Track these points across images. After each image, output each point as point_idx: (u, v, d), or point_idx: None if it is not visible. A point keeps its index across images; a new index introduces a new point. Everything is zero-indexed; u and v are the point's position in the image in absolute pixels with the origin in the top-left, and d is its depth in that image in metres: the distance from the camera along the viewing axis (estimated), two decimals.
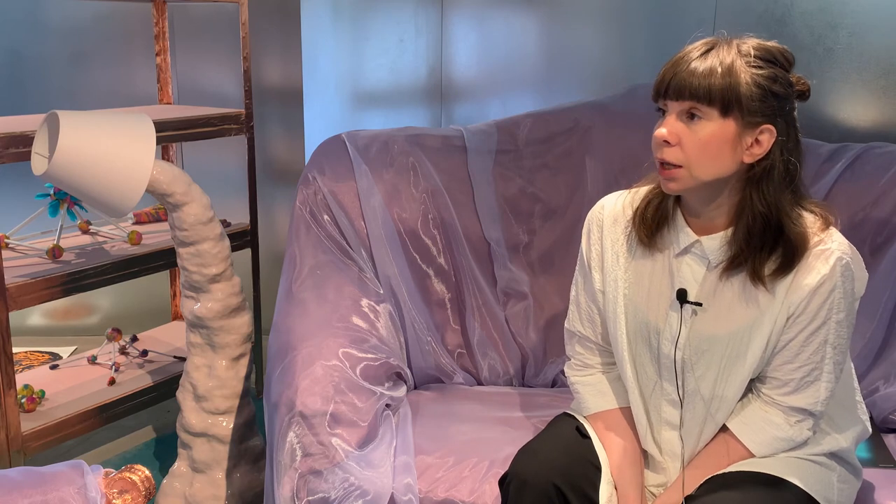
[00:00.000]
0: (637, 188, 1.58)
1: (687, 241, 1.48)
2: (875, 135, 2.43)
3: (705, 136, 1.35)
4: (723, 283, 1.46)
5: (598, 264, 1.60)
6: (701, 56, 1.36)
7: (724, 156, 1.36)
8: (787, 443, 1.48)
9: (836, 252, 1.40)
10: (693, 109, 1.35)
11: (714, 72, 1.34)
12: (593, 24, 2.76)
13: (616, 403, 1.62)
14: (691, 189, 1.40)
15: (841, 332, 1.43)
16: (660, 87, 1.39)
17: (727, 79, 1.33)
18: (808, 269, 1.41)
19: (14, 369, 2.14)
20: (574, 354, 1.68)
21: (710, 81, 1.33)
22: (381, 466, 1.67)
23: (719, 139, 1.35)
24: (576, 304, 1.66)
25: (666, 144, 1.37)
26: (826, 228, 1.42)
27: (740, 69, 1.34)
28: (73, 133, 1.79)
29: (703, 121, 1.35)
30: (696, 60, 1.35)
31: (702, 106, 1.34)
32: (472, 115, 2.92)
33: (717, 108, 1.34)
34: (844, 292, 1.41)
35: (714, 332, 1.47)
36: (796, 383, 1.45)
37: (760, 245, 1.40)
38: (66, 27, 3.35)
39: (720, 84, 1.33)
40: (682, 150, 1.36)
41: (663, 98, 1.39)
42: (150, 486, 1.77)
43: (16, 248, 2.47)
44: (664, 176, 1.39)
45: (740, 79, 1.34)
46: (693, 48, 1.38)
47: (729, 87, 1.33)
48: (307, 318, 1.89)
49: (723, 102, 1.34)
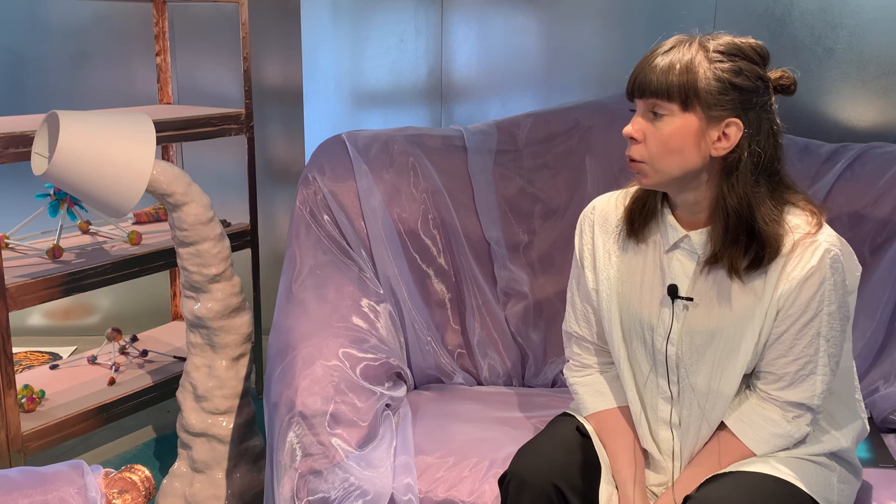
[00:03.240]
0: (628, 188, 1.60)
1: (676, 237, 1.50)
2: (875, 135, 2.43)
3: (668, 132, 1.39)
4: (713, 277, 1.47)
5: (591, 263, 1.61)
6: (663, 54, 1.40)
7: (687, 150, 1.39)
8: (785, 439, 1.48)
9: (823, 244, 1.41)
10: (655, 107, 1.39)
11: (672, 68, 1.38)
12: (593, 24, 2.76)
13: (615, 403, 1.62)
14: (664, 183, 1.44)
15: (833, 325, 1.43)
16: (629, 86, 1.43)
17: (685, 75, 1.37)
18: (797, 262, 1.42)
19: (14, 369, 2.14)
20: (572, 356, 1.69)
21: (668, 78, 1.37)
22: (381, 466, 1.67)
23: (681, 134, 1.39)
24: (571, 305, 1.67)
25: (633, 141, 1.42)
26: (815, 222, 1.43)
27: (699, 64, 1.37)
28: (73, 133, 1.79)
29: (665, 117, 1.39)
30: (658, 58, 1.40)
31: (662, 102, 1.38)
32: (472, 115, 2.92)
33: (676, 104, 1.38)
34: (835, 284, 1.41)
35: (706, 327, 1.48)
36: (791, 377, 1.45)
37: (735, 239, 1.42)
38: (66, 27, 3.35)
39: (677, 80, 1.37)
40: (645, 146, 1.41)
41: (631, 97, 1.44)
42: (150, 486, 1.77)
43: (16, 248, 2.47)
44: (632, 170, 1.45)
45: (699, 74, 1.37)
46: (659, 47, 1.42)
47: (686, 82, 1.37)
48: (307, 318, 1.89)
49: (681, 97, 1.37)
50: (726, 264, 1.43)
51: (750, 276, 1.43)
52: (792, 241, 1.42)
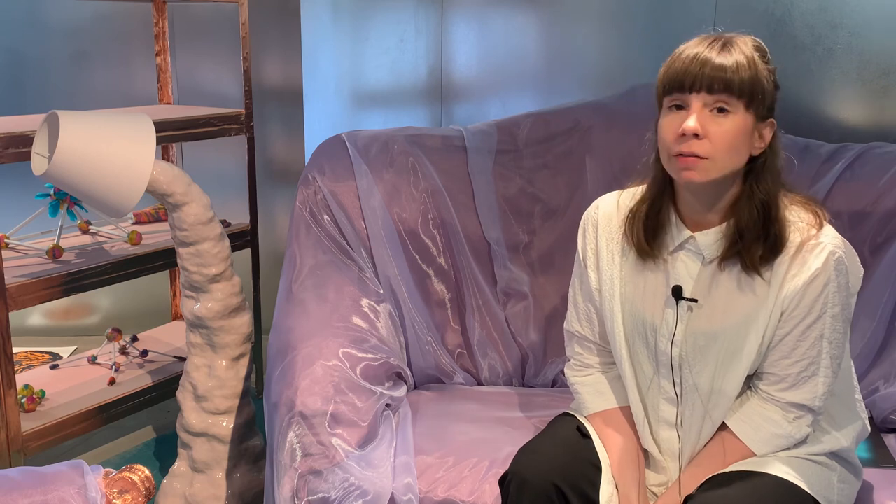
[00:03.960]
0: (630, 188, 1.59)
1: (681, 238, 1.49)
2: (875, 135, 2.43)
3: (732, 129, 1.37)
4: (718, 278, 1.47)
5: (594, 263, 1.61)
6: (723, 51, 1.38)
7: (742, 149, 1.40)
8: (786, 440, 1.48)
9: (828, 246, 1.42)
10: (722, 103, 1.37)
11: (742, 66, 1.37)
12: (593, 24, 2.76)
13: (615, 403, 1.62)
14: (715, 181, 1.41)
15: (836, 327, 1.44)
16: (683, 81, 1.38)
17: (752, 72, 1.37)
18: (801, 263, 1.42)
19: (14, 369, 2.14)
20: (573, 355, 1.69)
21: (739, 75, 1.36)
22: (381, 466, 1.67)
23: (742, 132, 1.38)
24: (573, 305, 1.67)
25: (695, 137, 1.37)
26: (818, 223, 1.44)
27: (758, 63, 1.38)
28: (73, 133, 1.79)
29: (730, 114, 1.37)
30: (720, 56, 1.37)
31: (731, 99, 1.37)
32: (472, 115, 2.92)
33: (743, 102, 1.37)
34: (839, 286, 1.42)
35: (710, 328, 1.48)
36: (793, 378, 1.45)
37: (755, 236, 1.42)
38: (66, 27, 3.35)
39: (748, 77, 1.37)
40: (710, 142, 1.37)
41: (689, 92, 1.38)
42: (150, 486, 1.77)
43: (16, 248, 2.47)
44: (686, 165, 1.38)
45: (761, 73, 1.38)
46: (706, 43, 1.39)
47: (755, 80, 1.37)
48: (307, 318, 1.89)
49: (749, 96, 1.37)
50: (742, 260, 1.43)
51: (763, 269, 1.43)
52: (799, 237, 1.43)
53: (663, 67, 1.43)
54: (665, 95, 1.42)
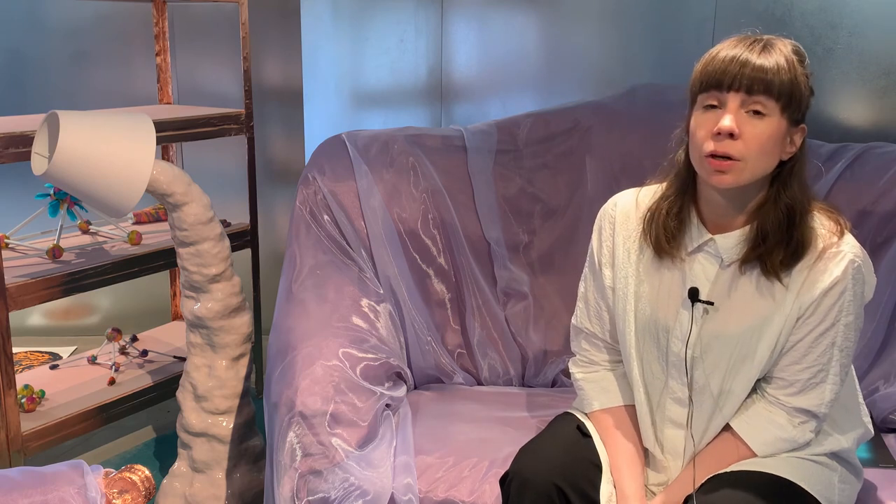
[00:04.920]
0: (650, 185, 1.58)
1: (701, 240, 1.48)
2: (875, 135, 2.43)
3: (767, 131, 1.36)
4: (735, 281, 1.47)
5: (610, 261, 1.59)
6: (763, 53, 1.36)
7: (774, 153, 1.38)
8: (789, 443, 1.48)
9: (848, 255, 1.41)
10: (759, 105, 1.35)
11: (781, 68, 1.35)
12: (593, 24, 2.76)
13: (621, 401, 1.61)
14: (746, 185, 1.39)
15: (849, 335, 1.44)
16: (722, 80, 1.36)
17: (791, 75, 1.35)
18: (821, 270, 1.41)
19: (14, 369, 2.14)
20: (580, 351, 1.68)
21: (780, 78, 1.34)
22: (381, 466, 1.67)
23: (776, 136, 1.37)
24: (584, 301, 1.66)
25: (730, 137, 1.35)
26: (839, 231, 1.43)
27: (797, 68, 1.37)
28: (73, 133, 1.79)
29: (766, 117, 1.36)
30: (761, 57, 1.35)
31: (769, 101, 1.35)
32: (472, 115, 2.92)
33: (780, 105, 1.35)
34: (854, 295, 1.42)
35: (724, 331, 1.47)
36: (802, 384, 1.45)
37: (779, 240, 1.41)
38: (66, 27, 3.35)
39: (787, 80, 1.35)
40: (743, 144, 1.35)
41: (727, 91, 1.36)
42: (150, 486, 1.77)
43: (16, 248, 2.47)
44: (718, 167, 1.36)
45: (799, 77, 1.36)
46: (746, 44, 1.37)
47: (793, 84, 1.35)
48: (307, 318, 1.89)
49: (787, 99, 1.35)
50: (763, 264, 1.42)
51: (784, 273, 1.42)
52: (821, 243, 1.42)
53: (700, 65, 1.41)
54: (701, 93, 1.39)
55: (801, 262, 1.42)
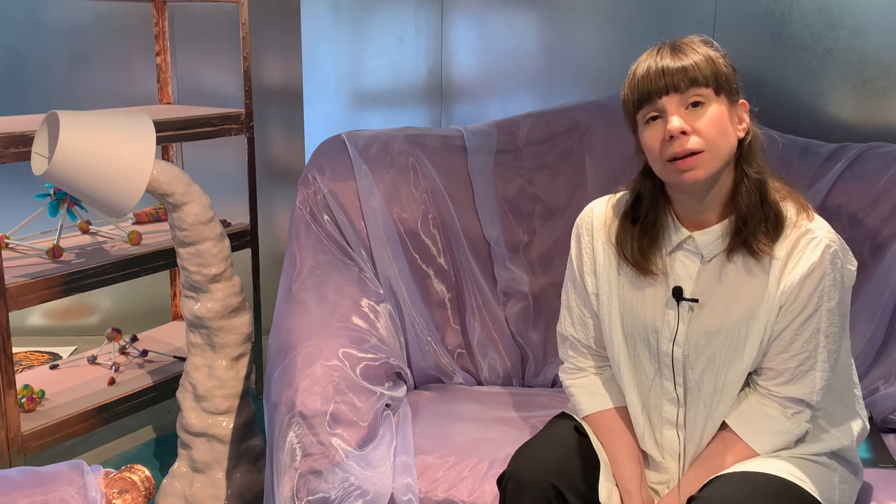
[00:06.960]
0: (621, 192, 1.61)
1: (679, 238, 1.50)
2: (875, 135, 2.43)
3: (714, 114, 1.41)
4: (719, 275, 1.48)
5: (591, 268, 1.61)
6: (674, 52, 1.42)
7: (729, 132, 1.43)
8: (786, 436, 1.48)
9: (823, 240, 1.44)
10: (695, 96, 1.40)
11: (699, 62, 1.41)
12: (593, 24, 2.76)
13: (610, 403, 1.62)
14: (715, 173, 1.42)
15: (833, 321, 1.45)
16: (651, 91, 1.42)
17: (710, 63, 1.42)
18: (798, 257, 1.44)
19: (14, 369, 2.14)
20: (567, 358, 1.69)
21: (699, 66, 1.41)
22: (380, 466, 1.67)
23: (723, 116, 1.42)
24: (567, 308, 1.67)
25: (684, 136, 1.39)
26: (802, 209, 1.47)
27: (712, 55, 1.43)
28: (73, 133, 1.79)
29: (705, 104, 1.41)
30: (675, 59, 1.41)
31: (701, 90, 1.40)
32: (472, 115, 2.92)
33: (713, 88, 1.41)
34: (834, 280, 1.44)
35: (712, 327, 1.48)
36: (791, 373, 1.46)
37: (758, 220, 1.44)
38: (66, 27, 3.35)
39: (706, 65, 1.41)
40: (698, 135, 1.40)
41: (660, 97, 1.41)
42: (150, 486, 1.77)
43: (16, 248, 2.47)
44: (687, 166, 1.40)
45: (717, 61, 1.42)
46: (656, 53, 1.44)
47: (713, 65, 1.42)
48: (307, 318, 1.89)
49: (716, 82, 1.41)
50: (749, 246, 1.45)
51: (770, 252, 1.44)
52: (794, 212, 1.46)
53: (625, 89, 1.47)
54: (639, 111, 1.45)
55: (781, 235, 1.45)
